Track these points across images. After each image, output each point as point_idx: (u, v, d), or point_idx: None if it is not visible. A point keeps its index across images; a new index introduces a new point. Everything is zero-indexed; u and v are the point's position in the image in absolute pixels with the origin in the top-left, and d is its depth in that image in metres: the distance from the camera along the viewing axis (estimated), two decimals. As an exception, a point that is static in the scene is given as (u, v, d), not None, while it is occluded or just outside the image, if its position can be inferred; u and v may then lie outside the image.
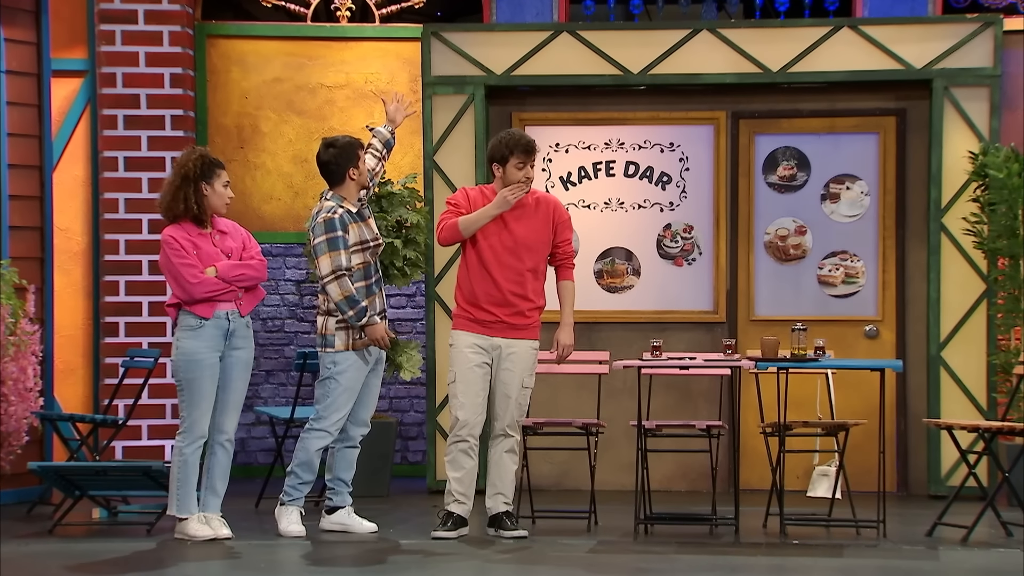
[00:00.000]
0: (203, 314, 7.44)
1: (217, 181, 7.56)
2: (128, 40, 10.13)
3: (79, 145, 10.29)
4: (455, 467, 7.55)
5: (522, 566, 6.81)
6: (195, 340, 7.44)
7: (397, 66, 10.71)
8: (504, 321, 7.56)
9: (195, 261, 7.45)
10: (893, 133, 9.82)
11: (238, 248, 7.61)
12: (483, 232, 7.54)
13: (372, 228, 7.75)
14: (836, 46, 9.65)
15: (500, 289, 7.54)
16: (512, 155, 7.55)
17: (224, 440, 7.57)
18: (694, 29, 9.79)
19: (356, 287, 7.61)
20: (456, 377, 7.56)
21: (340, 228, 7.59)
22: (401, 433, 10.66)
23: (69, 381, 10.20)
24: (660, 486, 8.81)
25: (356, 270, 7.64)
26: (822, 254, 9.91)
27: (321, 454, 7.66)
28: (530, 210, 7.63)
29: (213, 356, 7.46)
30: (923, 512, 8.37)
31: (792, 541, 7.60)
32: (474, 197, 7.64)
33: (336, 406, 7.63)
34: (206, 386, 7.45)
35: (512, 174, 7.56)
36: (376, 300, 7.72)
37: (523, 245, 7.58)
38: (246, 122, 10.73)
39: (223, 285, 7.47)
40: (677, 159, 9.97)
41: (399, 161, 10.57)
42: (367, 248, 7.68)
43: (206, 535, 7.42)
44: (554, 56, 9.81)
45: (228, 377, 7.54)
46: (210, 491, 7.57)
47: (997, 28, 9.57)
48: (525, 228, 7.60)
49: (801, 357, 7.76)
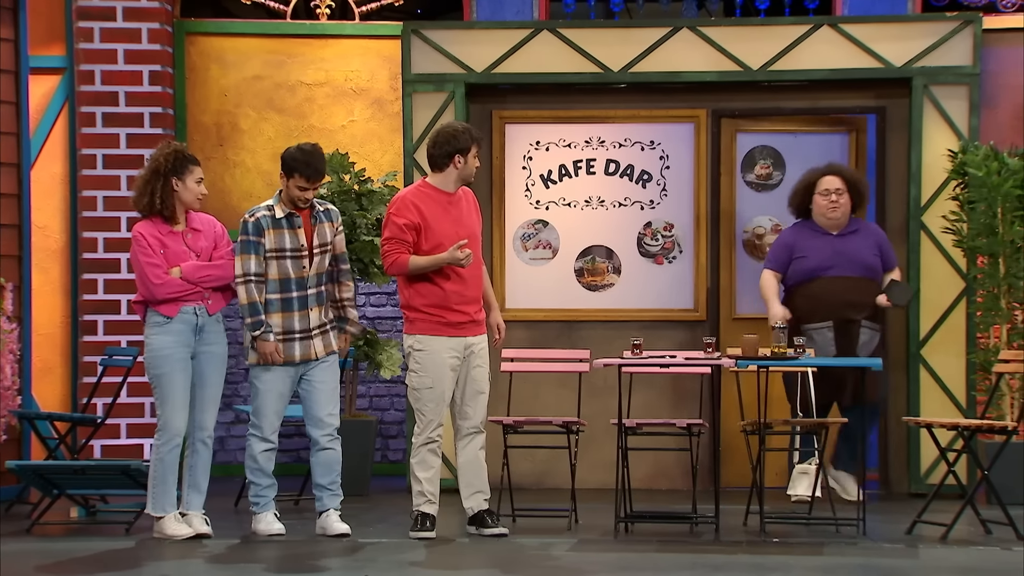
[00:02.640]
0: (167, 313, 7.39)
1: (189, 177, 7.48)
2: (106, 37, 10.09)
3: (57, 143, 10.25)
4: (425, 467, 7.52)
5: (502, 565, 6.80)
6: (163, 336, 7.39)
7: (377, 64, 10.68)
8: (473, 319, 7.56)
9: (160, 260, 7.39)
10: (865, 132, 9.84)
11: (209, 247, 7.53)
12: (442, 230, 7.47)
13: (299, 237, 7.48)
14: (816, 44, 9.66)
15: (469, 286, 7.52)
16: (474, 144, 7.57)
17: (205, 437, 7.53)
18: (675, 27, 9.79)
19: (269, 298, 7.46)
20: (433, 382, 7.49)
21: (252, 232, 7.46)
22: (381, 432, 10.63)
23: (47, 380, 10.16)
24: (641, 484, 8.80)
25: (272, 280, 7.48)
26: (801, 252, 9.90)
27: (270, 456, 7.56)
28: (465, 203, 7.64)
29: (182, 351, 7.41)
30: (903, 510, 8.39)
31: (772, 539, 7.59)
32: (421, 205, 7.49)
33: (262, 411, 7.54)
34: (177, 381, 7.39)
35: (471, 164, 7.57)
36: (298, 317, 7.48)
37: (474, 238, 7.59)
38: (225, 120, 10.69)
39: (187, 286, 7.40)
40: (658, 157, 9.96)
41: (379, 159, 10.55)
42: (284, 257, 7.47)
43: (183, 533, 7.38)
44: (534, 54, 9.80)
45: (203, 374, 7.49)
46: (193, 489, 7.53)
47: (976, 26, 9.59)
48: (469, 221, 7.62)
49: (781, 355, 7.76)
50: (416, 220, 7.47)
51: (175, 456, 7.43)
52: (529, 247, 10.00)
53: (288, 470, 7.71)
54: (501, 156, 9.98)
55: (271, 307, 7.51)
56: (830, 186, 8.91)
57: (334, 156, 9.61)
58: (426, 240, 7.47)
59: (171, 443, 7.40)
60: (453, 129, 7.62)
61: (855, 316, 8.77)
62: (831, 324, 8.77)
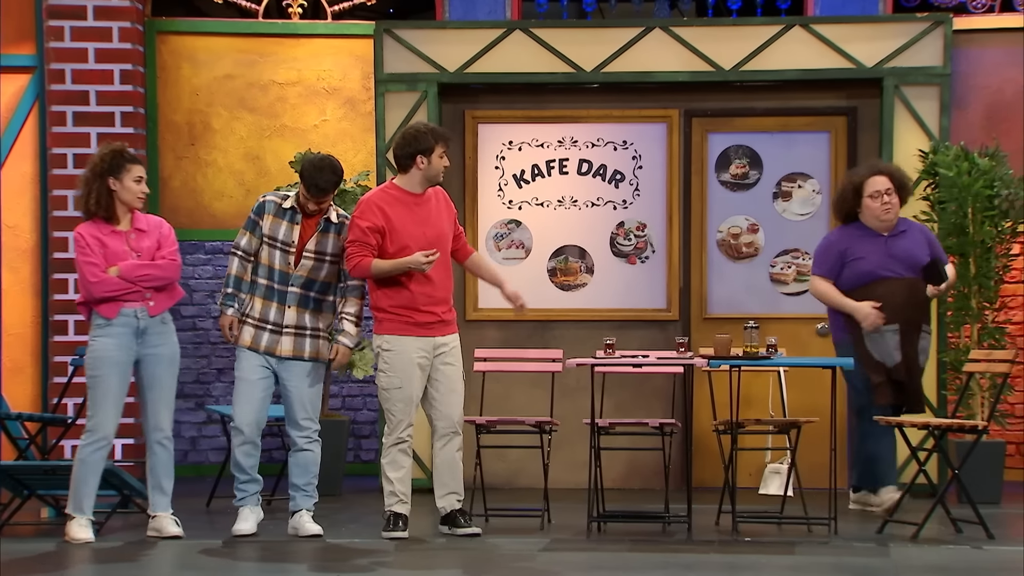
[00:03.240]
0: (106, 314, 7.32)
1: (127, 176, 7.37)
2: (77, 36, 10.04)
3: (27, 142, 10.19)
4: (396, 468, 7.49)
5: (474, 565, 6.77)
6: (103, 338, 7.33)
7: (349, 63, 10.65)
8: (442, 319, 7.52)
9: (99, 260, 7.30)
10: (844, 131, 9.84)
11: (152, 247, 7.43)
12: (407, 232, 7.43)
13: (293, 233, 7.49)
14: (788, 45, 9.66)
15: (437, 287, 7.48)
16: (437, 144, 7.51)
17: (162, 438, 7.46)
18: (647, 27, 9.78)
19: (257, 281, 7.50)
20: (401, 382, 7.46)
21: (255, 211, 7.55)
22: (353, 432, 10.59)
23: (17, 380, 10.10)
24: (613, 484, 8.78)
25: (261, 264, 7.53)
26: (774, 252, 9.91)
27: (249, 452, 7.51)
28: (434, 203, 7.59)
29: (121, 354, 7.33)
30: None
31: (744, 538, 7.59)
32: (386, 207, 7.45)
33: (235, 399, 7.53)
34: (112, 385, 7.32)
35: (436, 164, 7.51)
36: (275, 309, 7.47)
37: (442, 238, 7.55)
38: (197, 119, 10.64)
39: (125, 285, 7.31)
40: (630, 157, 9.95)
41: (352, 159, 10.50)
42: (275, 246, 7.49)
43: (84, 538, 7.26)
44: (507, 54, 9.77)
45: (152, 375, 7.42)
46: (156, 490, 7.47)
47: (947, 27, 9.60)
48: (438, 221, 7.57)
49: (753, 355, 7.76)
50: (380, 223, 7.43)
51: (99, 458, 7.33)
52: (502, 247, 9.98)
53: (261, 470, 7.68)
54: (474, 156, 9.95)
55: (256, 289, 7.55)
56: (880, 187, 8.33)
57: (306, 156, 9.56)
58: (391, 242, 7.43)
59: (96, 445, 7.32)
60: (415, 130, 7.59)
61: (919, 318, 8.28)
62: (897, 327, 8.20)
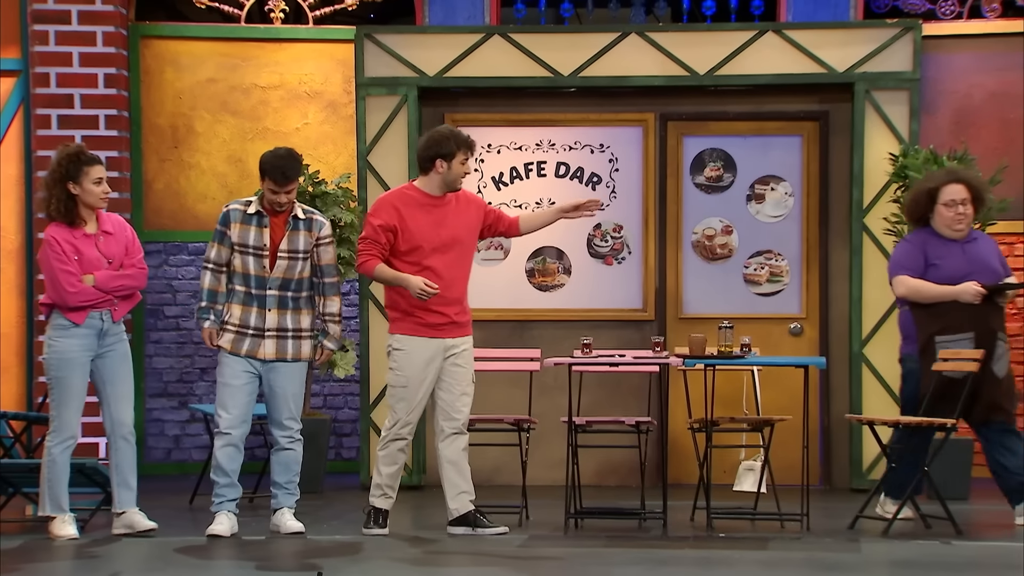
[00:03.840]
0: (75, 320, 7.30)
1: (85, 179, 7.29)
2: (62, 40, 10.03)
3: (12, 144, 10.18)
4: (390, 462, 7.49)
5: (455, 560, 6.80)
6: (67, 340, 7.30)
7: (331, 67, 10.66)
8: (454, 321, 7.47)
9: (75, 268, 7.27)
10: (816, 135, 9.90)
11: (120, 254, 7.40)
12: (421, 233, 7.41)
13: (263, 236, 7.43)
14: (761, 50, 9.71)
15: (449, 289, 7.42)
16: (459, 151, 7.45)
17: (125, 433, 7.42)
18: (623, 32, 9.82)
19: (234, 289, 7.46)
20: (408, 381, 7.43)
21: (220, 222, 7.49)
22: (335, 430, 10.61)
23: (3, 379, 10.08)
24: (590, 481, 8.81)
25: (236, 272, 7.47)
26: (748, 253, 9.96)
27: (232, 454, 7.46)
28: (454, 206, 7.53)
29: (84, 356, 7.32)
30: (845, 505, 8.42)
31: (718, 534, 7.62)
32: (402, 207, 7.44)
33: (219, 403, 7.49)
34: (76, 385, 7.31)
35: (457, 169, 7.46)
36: (255, 314, 7.44)
37: (459, 242, 7.50)
38: (180, 122, 10.64)
39: (99, 295, 7.30)
40: (607, 160, 9.99)
41: (333, 161, 10.53)
42: (247, 252, 7.43)
43: (71, 534, 7.27)
44: (486, 58, 9.80)
45: (112, 372, 7.40)
46: (122, 486, 7.42)
47: (916, 33, 9.66)
48: (455, 224, 7.51)
49: (728, 354, 7.79)
50: (392, 222, 7.39)
51: (67, 457, 7.33)
52: (481, 248, 9.99)
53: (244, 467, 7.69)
54: (453, 158, 9.96)
55: (234, 297, 7.50)
56: (956, 196, 7.91)
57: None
58: (403, 241, 7.39)
59: (65, 444, 7.31)
60: (439, 134, 7.54)
61: (995, 326, 7.80)
62: (971, 336, 7.75)
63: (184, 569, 6.58)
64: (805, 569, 6.60)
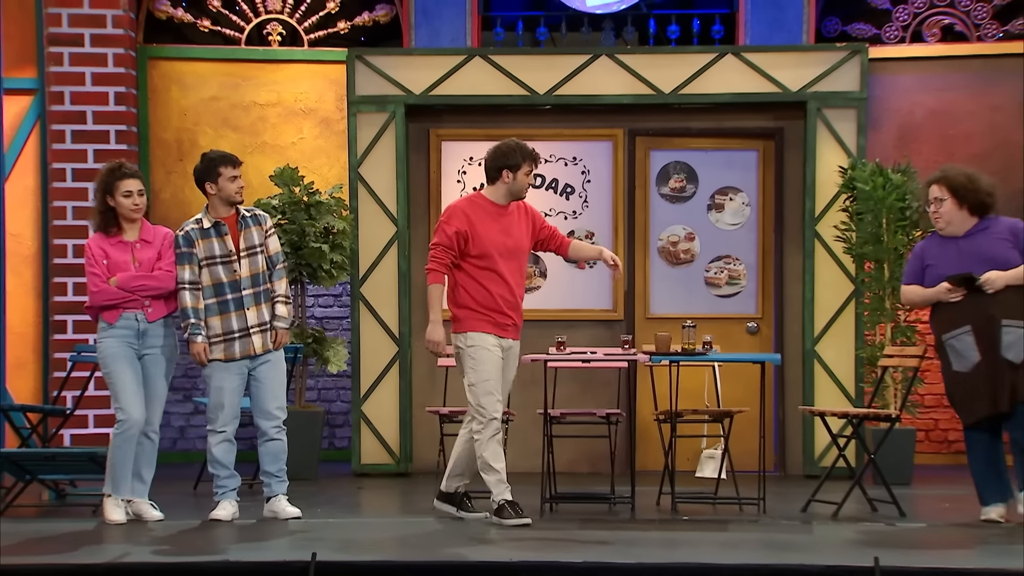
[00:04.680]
0: (108, 319, 7.27)
1: (117, 192, 7.27)
2: (75, 61, 9.99)
3: (29, 158, 10.13)
4: (498, 458, 7.24)
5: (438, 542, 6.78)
6: (108, 338, 7.28)
7: (324, 86, 10.64)
8: (515, 323, 7.34)
9: (101, 271, 7.25)
10: (772, 150, 9.91)
11: (152, 258, 7.35)
12: (489, 239, 7.24)
13: (227, 243, 7.35)
14: (721, 71, 9.72)
15: (514, 294, 7.30)
16: (524, 162, 7.32)
17: (150, 432, 7.37)
18: (594, 54, 9.82)
19: (207, 303, 7.35)
20: (488, 374, 7.26)
21: (184, 245, 7.36)
22: (328, 421, 10.58)
23: (20, 374, 10.03)
24: (564, 468, 8.80)
25: (207, 286, 7.37)
26: (708, 258, 9.97)
27: (227, 449, 7.40)
28: (516, 216, 7.40)
29: (127, 350, 7.27)
30: (799, 490, 8.43)
31: (682, 517, 7.62)
32: (472, 214, 7.29)
33: (214, 406, 7.41)
34: (126, 374, 7.25)
35: (521, 180, 7.33)
36: (235, 317, 7.35)
37: (522, 250, 7.37)
38: (185, 137, 10.61)
39: (122, 294, 7.25)
40: (580, 172, 9.98)
41: (327, 173, 10.50)
42: (215, 263, 7.35)
43: (116, 519, 7.22)
44: (468, 78, 9.79)
45: (148, 373, 7.35)
46: (136, 479, 7.37)
47: (863, 56, 9.68)
48: (519, 233, 7.37)
49: (691, 351, 7.79)
50: (465, 228, 7.25)
51: (132, 442, 7.28)
52: (463, 253, 9.98)
53: (242, 456, 7.65)
54: (438, 170, 9.96)
55: (210, 311, 7.37)
56: (931, 196, 7.46)
57: (285, 170, 9.57)
58: (474, 246, 7.25)
59: (129, 431, 7.25)
60: (507, 146, 7.39)
61: (996, 314, 7.07)
62: (969, 328, 7.15)
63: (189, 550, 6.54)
64: (762, 549, 6.60)
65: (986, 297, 7.14)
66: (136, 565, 6.07)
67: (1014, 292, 7.13)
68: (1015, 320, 7.09)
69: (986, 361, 7.08)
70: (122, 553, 6.37)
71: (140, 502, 7.39)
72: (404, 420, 9.76)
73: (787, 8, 10.09)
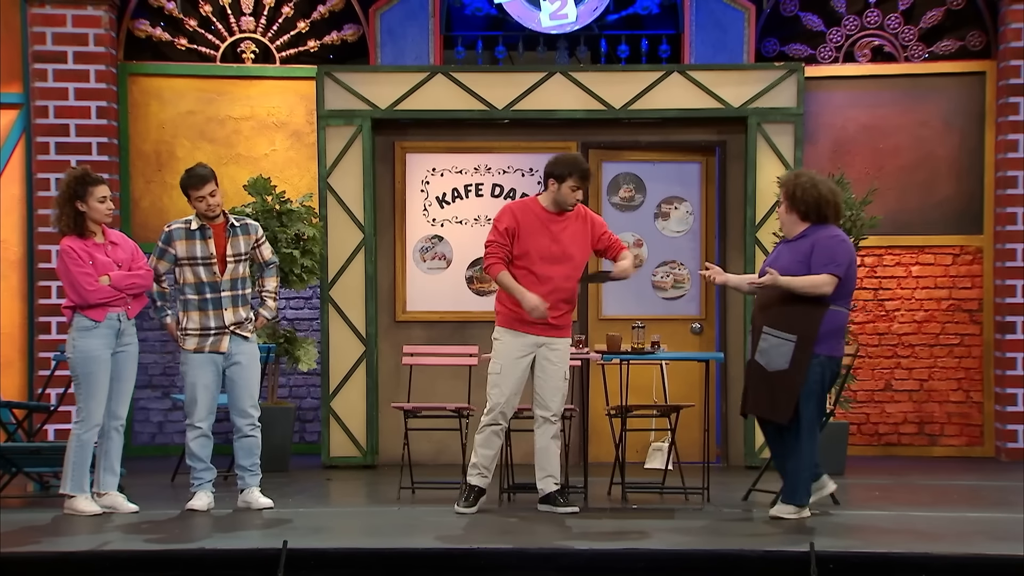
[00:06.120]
0: (96, 318, 7.22)
1: (91, 198, 7.24)
2: (59, 77, 9.91)
3: (16, 168, 10.05)
4: (488, 446, 7.22)
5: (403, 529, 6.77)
6: (91, 339, 7.22)
7: (295, 101, 10.60)
8: (548, 322, 7.23)
9: (91, 270, 7.21)
10: (714, 162, 9.96)
11: (128, 259, 7.35)
12: (532, 241, 7.16)
13: (209, 247, 7.36)
14: (668, 88, 9.76)
15: (548, 295, 7.18)
16: (570, 176, 7.11)
17: (118, 425, 7.34)
18: (549, 72, 9.83)
19: (189, 298, 7.37)
20: (501, 368, 7.23)
21: (163, 241, 7.42)
22: (299, 417, 10.54)
23: (7, 373, 9.95)
24: (522, 460, 8.79)
25: (189, 284, 7.39)
26: (655, 263, 10.01)
27: (204, 443, 7.38)
28: (575, 226, 7.28)
29: (107, 353, 7.25)
30: (740, 480, 8.47)
31: (632, 506, 7.64)
32: (520, 216, 7.20)
33: (189, 401, 7.39)
34: (101, 379, 7.22)
35: (566, 194, 7.16)
36: (213, 315, 7.34)
37: (569, 257, 7.24)
38: (163, 148, 10.54)
39: (115, 292, 7.24)
40: (536, 182, 9.99)
41: (297, 183, 10.46)
42: (197, 264, 7.37)
43: (94, 511, 7.19)
44: (431, 94, 9.78)
45: (120, 370, 7.31)
46: (108, 471, 7.33)
47: (800, 74, 9.75)
48: (569, 242, 7.25)
49: (640, 350, 7.82)
50: (513, 225, 7.17)
51: (91, 443, 7.24)
52: (427, 258, 9.99)
53: (218, 450, 7.63)
54: (403, 181, 9.95)
55: (190, 306, 7.40)
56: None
57: (258, 180, 9.53)
58: (517, 246, 7.18)
59: (90, 432, 7.21)
60: (561, 158, 7.24)
61: (761, 321, 7.01)
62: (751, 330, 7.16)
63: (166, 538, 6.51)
64: (706, 536, 6.63)
65: (763, 302, 7.00)
66: (117, 552, 6.04)
67: (789, 303, 6.87)
68: (775, 329, 6.89)
69: (752, 362, 7.04)
70: (103, 541, 6.33)
71: (113, 494, 7.34)
72: (371, 416, 9.74)
73: (729, 30, 10.13)
